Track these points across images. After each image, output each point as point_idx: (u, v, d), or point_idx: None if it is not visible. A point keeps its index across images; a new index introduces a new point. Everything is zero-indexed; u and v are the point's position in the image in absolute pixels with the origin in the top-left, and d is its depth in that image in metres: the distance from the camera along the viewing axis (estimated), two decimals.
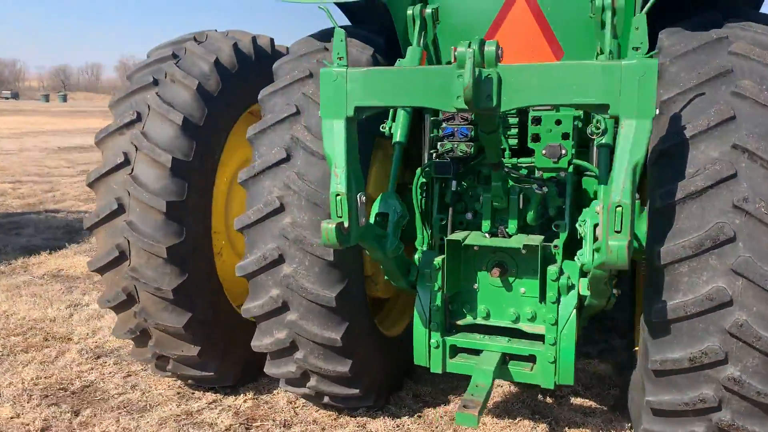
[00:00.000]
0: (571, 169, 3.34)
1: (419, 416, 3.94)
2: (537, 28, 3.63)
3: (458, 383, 4.31)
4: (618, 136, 2.38)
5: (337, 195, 2.74)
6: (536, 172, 3.40)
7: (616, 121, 2.43)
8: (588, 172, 3.43)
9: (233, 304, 4.05)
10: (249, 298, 3.43)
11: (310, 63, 3.53)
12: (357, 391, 3.60)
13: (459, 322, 3.42)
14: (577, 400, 4.15)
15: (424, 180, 3.60)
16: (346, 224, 2.76)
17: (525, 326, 3.34)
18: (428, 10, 3.54)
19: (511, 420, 3.86)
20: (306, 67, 3.49)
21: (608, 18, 3.18)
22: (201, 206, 3.71)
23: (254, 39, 4.18)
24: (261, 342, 3.50)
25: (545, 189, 3.27)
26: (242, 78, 3.97)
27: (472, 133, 3.36)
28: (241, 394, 4.20)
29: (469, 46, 2.44)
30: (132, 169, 3.54)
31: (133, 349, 4.01)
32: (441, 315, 3.34)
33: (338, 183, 2.74)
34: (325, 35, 3.76)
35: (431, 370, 3.40)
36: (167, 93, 3.64)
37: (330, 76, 2.74)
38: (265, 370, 3.67)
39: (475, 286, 3.41)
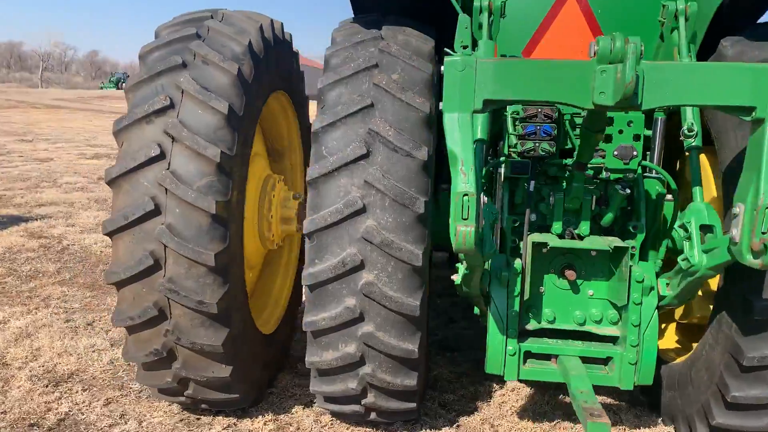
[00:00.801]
0: (639, 170, 3.36)
1: (458, 426, 3.77)
2: (587, 28, 3.62)
3: (479, 388, 4.20)
4: (764, 138, 2.40)
5: (465, 195, 2.52)
6: (603, 172, 3.38)
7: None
8: (648, 174, 3.46)
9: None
10: (313, 308, 3.07)
11: (369, 51, 3.25)
12: (413, 405, 3.37)
13: (528, 327, 3.32)
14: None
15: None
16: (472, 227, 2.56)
17: (594, 328, 3.32)
18: (497, 2, 3.41)
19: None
20: (369, 55, 3.20)
21: (681, 23, 3.24)
22: (239, 206, 3.28)
23: (272, 22, 3.79)
24: (321, 357, 3.16)
25: (628, 190, 3.25)
26: (267, 63, 3.58)
27: (555, 131, 3.27)
28: (258, 417, 3.77)
29: (613, 42, 2.37)
30: (169, 164, 3.04)
31: (139, 372, 3.44)
32: (517, 321, 3.22)
33: (465, 182, 2.52)
34: (371, 23, 3.48)
35: (505, 378, 3.27)
36: (202, 77, 3.17)
37: (456, 66, 2.52)
38: (312, 388, 3.32)
39: (542, 289, 3.33)
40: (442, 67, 2.62)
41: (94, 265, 7.03)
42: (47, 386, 4.10)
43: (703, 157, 3.61)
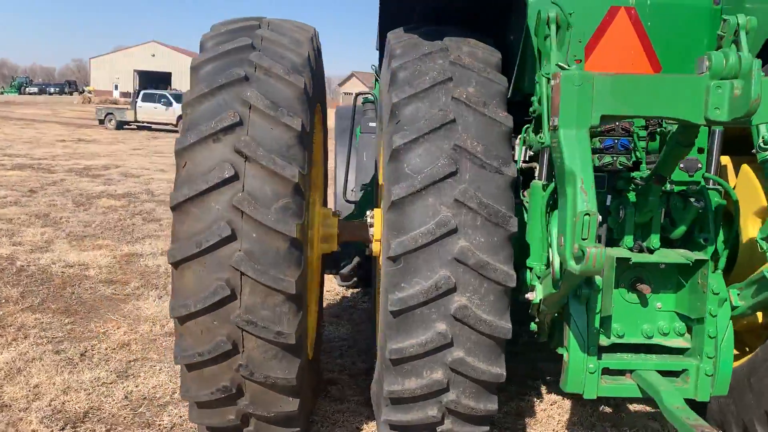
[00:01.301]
0: (702, 182, 3.39)
1: None
2: (637, 41, 3.63)
3: (521, 403, 4.15)
4: None
5: (587, 215, 2.44)
6: (667, 185, 3.39)
7: None
8: (711, 186, 3.48)
9: None
10: (397, 335, 2.91)
11: (438, 63, 3.13)
12: (487, 429, 3.26)
13: (601, 344, 3.28)
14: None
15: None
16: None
17: (662, 341, 3.32)
18: (562, 14, 3.36)
19: None
20: (440, 68, 3.08)
21: (743, 37, 3.30)
22: (307, 228, 3.08)
23: (316, 32, 3.61)
24: (403, 386, 2.99)
25: (702, 203, 3.27)
26: (317, 75, 3.40)
27: (631, 145, 3.25)
28: None
29: (726, 57, 2.37)
30: (243, 186, 2.81)
31: (194, 411, 3.14)
32: (597, 338, 3.18)
33: (587, 201, 2.45)
34: (427, 34, 3.35)
35: (585, 397, 3.21)
36: (268, 91, 2.96)
37: (573, 81, 2.45)
38: (386, 418, 3.15)
39: (612, 304, 3.30)
40: None
41: (60, 288, 6.53)
42: (64, 429, 3.73)
43: (746, 168, 3.69)
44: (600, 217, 3.30)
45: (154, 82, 57.97)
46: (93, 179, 14.34)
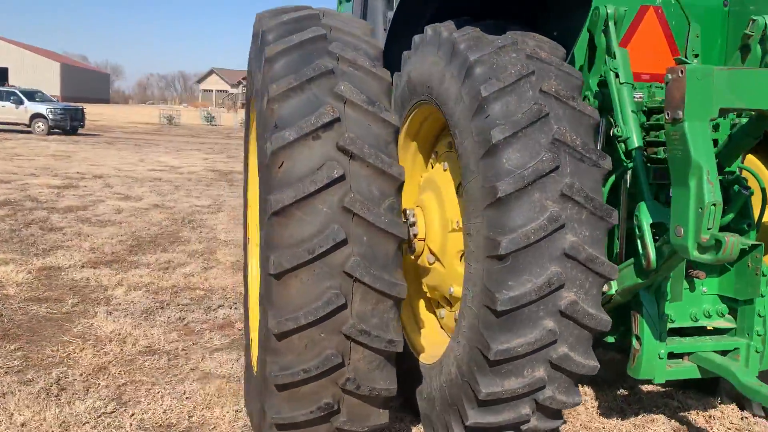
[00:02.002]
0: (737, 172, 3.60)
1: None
2: (663, 40, 3.79)
3: None
4: None
5: (713, 205, 2.52)
6: None
7: None
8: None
9: None
10: (503, 334, 2.83)
11: (513, 57, 3.07)
12: (562, 421, 3.27)
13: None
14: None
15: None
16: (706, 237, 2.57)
17: (706, 323, 3.50)
18: (620, 10, 3.41)
19: None
20: (520, 62, 3.03)
21: None
22: None
23: None
24: (503, 387, 2.92)
25: (749, 190, 3.46)
26: None
27: None
28: None
29: None
30: (350, 186, 2.60)
31: None
32: (666, 324, 3.29)
33: (713, 191, 2.53)
34: (490, 27, 3.29)
35: (656, 382, 3.32)
36: (358, 84, 2.76)
37: (696, 74, 2.51)
38: (473, 421, 3.05)
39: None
40: None
41: None
42: None
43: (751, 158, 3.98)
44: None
45: None
46: None
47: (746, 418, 4.07)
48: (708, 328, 3.52)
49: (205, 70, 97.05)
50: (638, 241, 3.07)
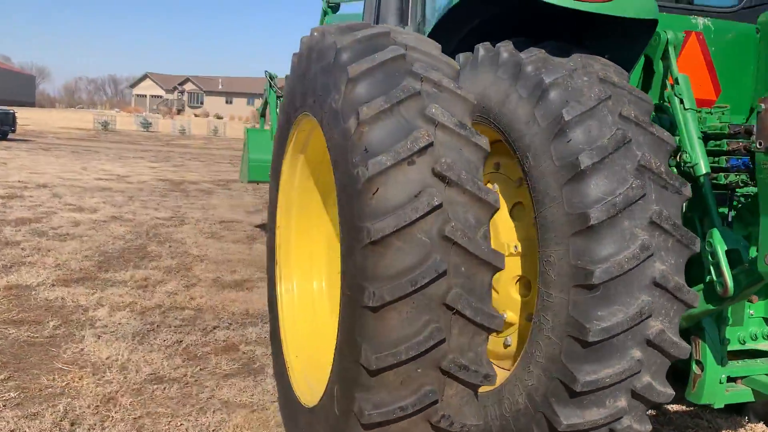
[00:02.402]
0: None
1: None
2: (704, 65, 3.83)
3: None
4: None
5: None
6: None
7: None
8: None
9: None
10: (590, 365, 2.75)
11: (584, 80, 3.03)
12: None
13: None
14: None
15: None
16: None
17: (753, 346, 3.54)
18: (680, 36, 3.42)
19: None
20: (595, 85, 2.99)
21: None
22: None
23: None
24: (583, 418, 2.84)
25: None
26: None
27: (752, 163, 3.38)
28: None
29: None
30: (448, 214, 2.47)
31: None
32: (725, 349, 3.30)
33: None
34: (556, 49, 3.23)
35: (715, 406, 3.32)
36: (447, 107, 2.65)
37: None
38: None
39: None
40: None
41: None
42: None
43: None
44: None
45: None
46: None
47: None
48: (757, 350, 3.55)
49: (138, 74, 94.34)
50: (712, 268, 3.05)
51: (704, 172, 3.24)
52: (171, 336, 5.51)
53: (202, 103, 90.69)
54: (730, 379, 3.40)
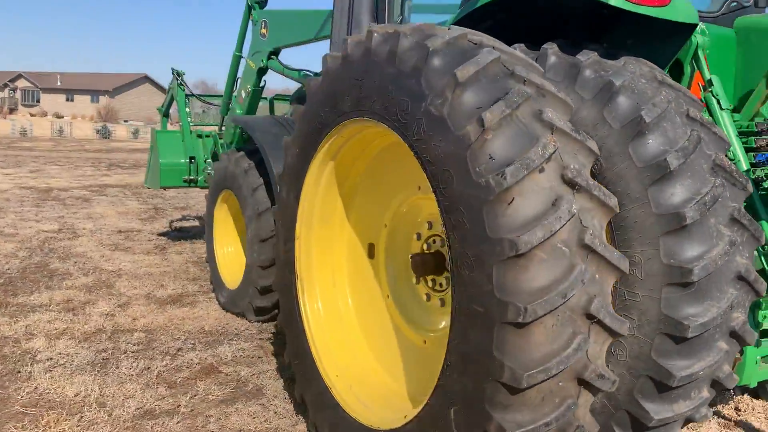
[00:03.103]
0: None
1: None
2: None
3: None
4: None
5: None
6: None
7: None
8: None
9: None
10: (686, 359, 2.82)
11: (643, 83, 3.10)
12: None
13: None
14: None
15: None
16: None
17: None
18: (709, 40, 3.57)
19: None
20: (656, 87, 3.06)
21: None
22: None
23: None
24: (673, 412, 2.91)
25: None
26: None
27: None
28: None
29: None
30: (580, 221, 2.42)
31: None
32: (758, 330, 3.52)
33: None
34: (600, 52, 3.27)
35: (752, 386, 3.53)
36: (555, 110, 2.60)
37: None
38: None
39: None
40: None
41: None
42: None
43: None
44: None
45: None
46: None
47: None
48: None
49: (12, 73, 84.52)
50: (762, 259, 3.25)
51: (746, 168, 3.43)
52: (134, 363, 4.99)
53: (38, 101, 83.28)
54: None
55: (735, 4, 4.43)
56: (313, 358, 3.63)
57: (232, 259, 6.72)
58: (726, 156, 3.04)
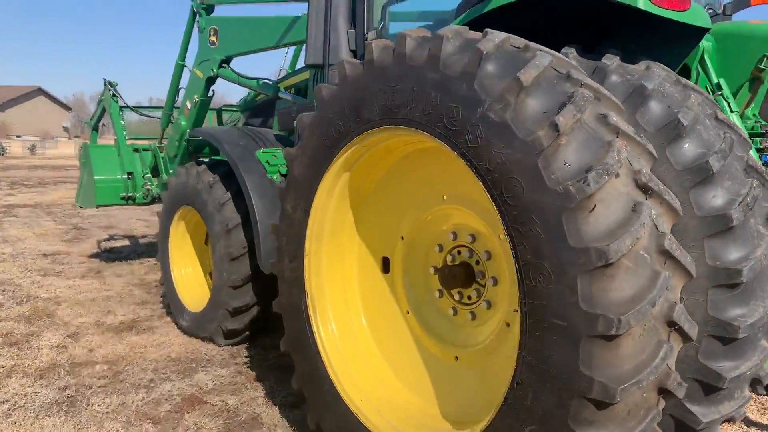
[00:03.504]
0: None
1: None
2: None
3: None
4: None
5: None
6: None
7: None
8: None
9: None
10: (734, 360, 2.83)
11: (669, 86, 3.11)
12: None
13: None
14: None
15: None
16: None
17: None
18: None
19: None
20: (682, 90, 3.09)
21: None
22: None
23: None
24: (719, 414, 2.92)
25: None
26: None
27: None
28: None
29: None
30: (656, 226, 2.36)
31: None
32: None
33: None
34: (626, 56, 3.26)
35: None
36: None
37: None
38: None
39: None
40: None
41: None
42: None
43: None
44: None
45: None
46: None
47: None
48: None
49: None
50: None
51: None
52: (106, 399, 4.58)
53: None
54: None
55: (711, 11, 4.59)
56: (332, 382, 3.41)
57: (191, 280, 6.34)
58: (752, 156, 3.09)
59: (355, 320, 3.64)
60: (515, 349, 2.63)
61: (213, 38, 6.88)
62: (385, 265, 3.63)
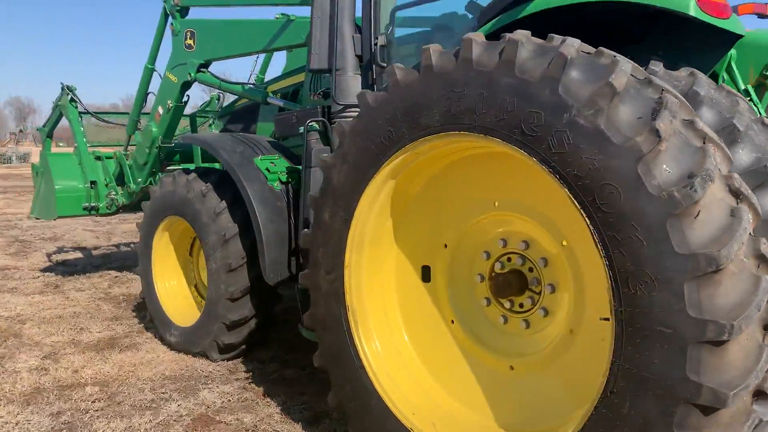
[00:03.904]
0: None
1: None
2: None
3: None
4: None
5: None
6: None
7: None
8: None
9: None
10: None
11: (705, 88, 3.18)
12: None
13: None
14: None
15: None
16: None
17: None
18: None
19: None
20: (728, 95, 3.16)
21: None
22: None
23: None
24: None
25: None
26: None
27: None
28: None
29: None
30: (752, 232, 2.37)
31: None
32: None
33: None
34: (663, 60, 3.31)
35: None
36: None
37: None
38: None
39: None
40: None
41: None
42: None
43: None
44: None
45: None
46: None
47: None
48: None
49: None
50: None
51: None
52: (110, 424, 4.30)
53: None
54: None
55: None
56: (380, 396, 3.30)
57: (176, 293, 6.05)
58: None
59: (396, 331, 3.54)
60: (591, 356, 2.61)
61: (190, 41, 6.61)
62: (425, 274, 3.54)
